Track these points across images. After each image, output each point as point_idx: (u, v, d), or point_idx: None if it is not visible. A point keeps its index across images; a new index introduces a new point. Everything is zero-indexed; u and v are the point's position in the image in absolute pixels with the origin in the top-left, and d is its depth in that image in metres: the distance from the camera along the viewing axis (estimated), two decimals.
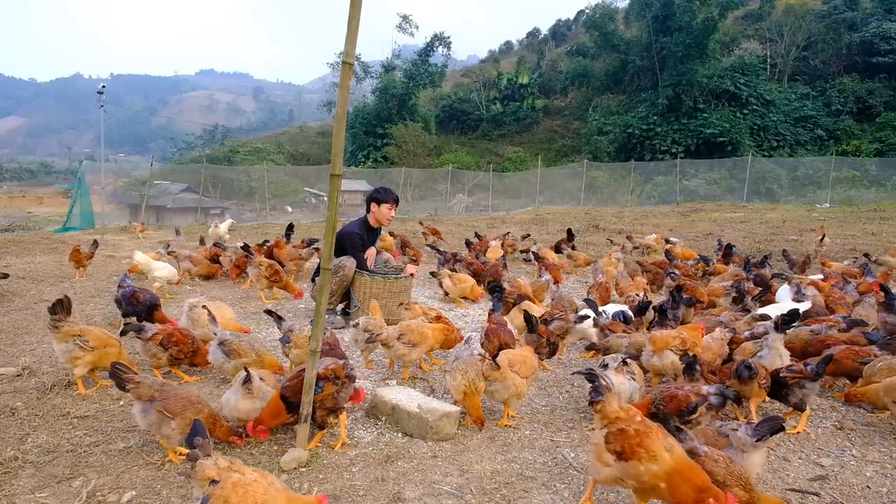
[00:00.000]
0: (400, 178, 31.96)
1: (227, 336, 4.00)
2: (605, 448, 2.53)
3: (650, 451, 2.43)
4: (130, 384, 3.05)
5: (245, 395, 3.21)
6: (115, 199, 29.96)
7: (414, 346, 4.31)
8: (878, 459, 3.28)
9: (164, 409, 2.99)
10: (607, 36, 45.68)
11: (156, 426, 3.01)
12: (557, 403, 4.05)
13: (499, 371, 3.49)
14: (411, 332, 4.33)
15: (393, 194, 6.31)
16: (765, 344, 3.97)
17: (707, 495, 2.31)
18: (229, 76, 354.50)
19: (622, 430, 2.52)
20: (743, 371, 3.52)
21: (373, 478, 2.95)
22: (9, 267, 8.60)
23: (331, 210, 2.96)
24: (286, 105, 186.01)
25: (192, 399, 3.08)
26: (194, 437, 2.37)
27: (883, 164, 31.40)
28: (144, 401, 3.02)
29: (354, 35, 2.73)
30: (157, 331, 4.14)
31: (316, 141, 57.83)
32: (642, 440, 2.46)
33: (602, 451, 2.55)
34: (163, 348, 4.09)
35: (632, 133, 41.30)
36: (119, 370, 3.07)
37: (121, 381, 3.06)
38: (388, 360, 4.57)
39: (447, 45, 49.71)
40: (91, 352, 3.85)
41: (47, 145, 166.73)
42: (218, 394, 3.83)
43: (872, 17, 44.09)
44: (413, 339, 4.30)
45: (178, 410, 2.99)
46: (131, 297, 4.99)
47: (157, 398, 3.02)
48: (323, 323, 3.04)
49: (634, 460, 2.43)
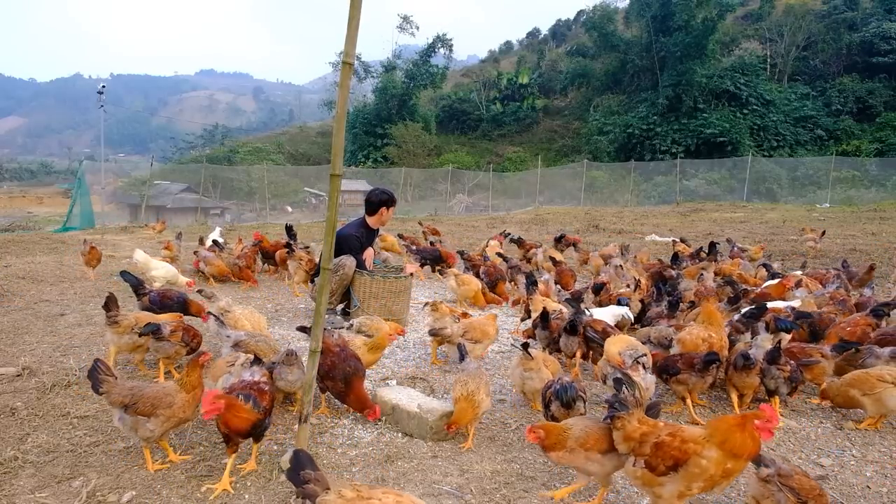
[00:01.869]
0: (400, 178, 31.97)
1: (243, 336, 4.00)
2: (652, 474, 2.31)
3: (698, 441, 2.25)
4: (103, 387, 2.94)
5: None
6: (115, 199, 29.96)
7: (477, 342, 4.48)
8: (878, 459, 3.28)
9: (137, 413, 2.88)
10: (607, 36, 45.71)
11: (133, 430, 2.92)
12: None
13: (532, 361, 3.68)
14: (474, 329, 4.55)
15: (395, 197, 6.38)
16: (755, 343, 4.12)
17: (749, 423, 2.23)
18: (229, 76, 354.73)
19: (659, 445, 2.31)
20: (740, 361, 3.72)
21: (373, 478, 2.95)
22: (9, 267, 8.61)
23: (331, 210, 2.96)
24: (286, 105, 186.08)
25: (159, 395, 2.94)
26: (301, 471, 2.06)
27: (883, 164, 31.41)
28: (118, 408, 2.93)
29: (354, 35, 2.73)
30: (173, 327, 4.17)
31: (316, 141, 57.84)
32: (683, 437, 2.28)
33: (652, 479, 2.32)
34: (184, 343, 4.17)
35: (632, 133, 41.31)
36: (99, 369, 2.98)
37: (96, 381, 2.95)
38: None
39: (449, 46, 49.76)
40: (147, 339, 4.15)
41: (47, 145, 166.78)
42: None
43: (872, 17, 44.12)
44: (476, 336, 4.49)
45: (149, 411, 2.89)
46: (162, 299, 5.00)
47: (129, 404, 2.90)
48: (323, 323, 3.04)
49: (692, 459, 2.24)
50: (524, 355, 3.68)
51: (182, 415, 2.96)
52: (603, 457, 2.62)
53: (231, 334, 4.00)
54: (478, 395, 3.28)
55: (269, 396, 3.04)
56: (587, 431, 2.68)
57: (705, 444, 2.26)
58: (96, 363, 3.01)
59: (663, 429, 2.37)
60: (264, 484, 2.87)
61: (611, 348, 3.78)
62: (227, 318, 4.45)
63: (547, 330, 4.55)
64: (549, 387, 3.28)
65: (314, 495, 1.97)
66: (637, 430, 2.37)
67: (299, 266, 7.13)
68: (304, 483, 2.01)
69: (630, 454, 2.42)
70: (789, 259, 10.32)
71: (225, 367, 3.54)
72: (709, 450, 2.25)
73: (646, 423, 2.42)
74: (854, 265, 7.72)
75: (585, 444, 2.64)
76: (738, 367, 3.74)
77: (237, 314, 4.56)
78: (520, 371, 3.74)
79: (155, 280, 6.78)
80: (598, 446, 2.63)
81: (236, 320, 4.48)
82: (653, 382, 3.66)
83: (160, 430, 2.92)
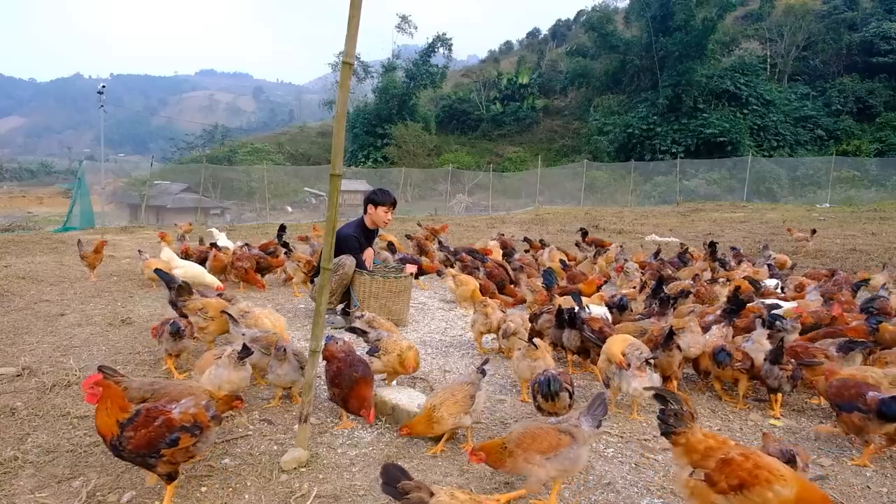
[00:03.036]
0: (400, 178, 31.96)
1: (258, 334, 4.03)
2: (711, 489, 2.19)
3: (774, 472, 2.13)
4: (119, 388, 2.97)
5: (238, 368, 3.48)
6: (115, 198, 29.92)
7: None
8: (878, 459, 3.28)
9: None
10: (606, 37, 45.66)
11: None
12: None
13: (538, 351, 3.86)
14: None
15: (391, 197, 6.21)
16: (751, 338, 4.23)
17: None
18: (229, 76, 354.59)
19: (727, 461, 2.19)
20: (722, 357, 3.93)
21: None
22: (9, 267, 8.61)
23: (331, 210, 2.96)
24: (286, 105, 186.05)
25: (183, 393, 2.98)
26: (395, 484, 2.03)
27: (883, 164, 31.41)
28: (137, 403, 2.95)
29: (354, 35, 2.73)
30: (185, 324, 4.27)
31: (316, 141, 57.82)
32: (757, 461, 2.16)
33: (707, 493, 2.20)
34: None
35: (632, 133, 41.28)
36: (106, 373, 2.97)
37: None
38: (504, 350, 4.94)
39: (449, 46, 49.72)
40: (213, 321, 4.49)
41: (47, 145, 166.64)
42: None
43: (872, 17, 44.10)
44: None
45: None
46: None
47: (149, 400, 2.96)
48: (323, 323, 3.04)
49: (759, 486, 2.12)
50: (529, 346, 3.87)
51: None
52: (542, 457, 2.57)
53: (245, 332, 4.05)
54: (437, 412, 3.13)
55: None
56: (524, 432, 2.65)
57: (782, 481, 2.15)
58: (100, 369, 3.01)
59: (734, 447, 2.28)
60: (264, 484, 2.87)
61: (612, 348, 3.77)
62: (248, 318, 4.54)
63: (561, 329, 4.58)
64: (536, 380, 3.35)
65: (422, 502, 1.95)
66: (702, 443, 2.26)
67: (298, 268, 7.18)
68: (406, 494, 1.99)
69: (688, 465, 2.32)
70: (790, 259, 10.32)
71: (212, 359, 3.59)
72: (783, 487, 2.13)
73: (712, 438, 2.31)
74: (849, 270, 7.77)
75: (521, 444, 2.60)
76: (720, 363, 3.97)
77: (257, 314, 4.63)
78: (527, 362, 3.87)
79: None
80: (537, 446, 2.58)
81: (257, 319, 4.56)
82: (659, 382, 3.72)
83: None
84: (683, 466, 2.32)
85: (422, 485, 2.02)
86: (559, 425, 2.69)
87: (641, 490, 2.93)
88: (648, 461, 3.22)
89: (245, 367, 3.54)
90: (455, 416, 3.14)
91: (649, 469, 3.14)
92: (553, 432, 2.64)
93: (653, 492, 2.91)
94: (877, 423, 3.11)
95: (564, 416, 2.91)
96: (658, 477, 3.05)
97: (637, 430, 3.60)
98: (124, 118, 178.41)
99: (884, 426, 3.10)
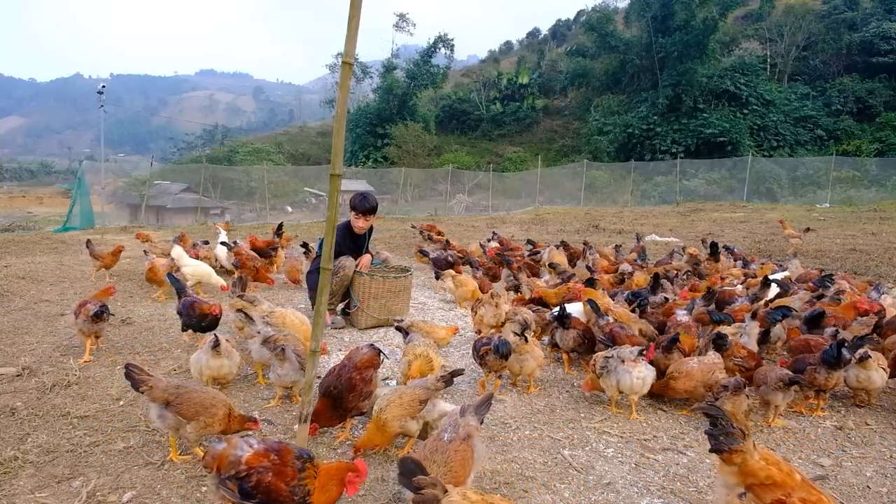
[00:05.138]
0: (400, 178, 31.94)
1: (271, 332, 4.04)
2: None
3: None
4: (144, 386, 3.00)
5: (214, 356, 3.77)
6: (115, 198, 29.90)
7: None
8: (878, 459, 3.28)
9: (179, 414, 2.95)
10: (606, 37, 45.64)
11: (173, 428, 3.00)
12: (557, 403, 4.05)
13: (528, 345, 4.07)
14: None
15: (365, 204, 5.88)
16: (743, 331, 4.45)
17: None
18: (229, 76, 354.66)
19: (783, 502, 1.98)
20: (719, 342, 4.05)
21: (373, 478, 2.94)
22: (9, 267, 8.60)
23: (331, 210, 2.96)
24: (286, 105, 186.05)
25: (205, 403, 2.99)
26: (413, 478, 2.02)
27: (883, 164, 31.39)
28: (160, 404, 2.99)
29: (354, 35, 2.73)
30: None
31: (316, 141, 57.80)
32: None
33: None
34: None
35: (632, 133, 41.27)
36: (133, 371, 3.03)
37: (135, 381, 3.01)
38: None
39: (450, 46, 49.65)
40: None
41: (47, 145, 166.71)
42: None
43: (872, 17, 44.07)
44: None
45: (192, 415, 2.95)
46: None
47: (172, 402, 2.97)
48: (323, 323, 3.04)
49: None
50: (520, 341, 4.05)
51: (219, 427, 2.98)
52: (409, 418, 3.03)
53: (261, 329, 4.07)
54: (384, 414, 3.03)
55: None
56: (391, 397, 3.06)
57: None
58: (128, 367, 3.05)
59: (799, 487, 2.01)
60: None
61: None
62: (274, 317, 4.61)
63: (567, 329, 4.61)
64: (485, 343, 4.01)
65: (435, 500, 1.95)
66: (763, 470, 2.04)
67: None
68: (421, 489, 1.99)
69: (738, 486, 2.14)
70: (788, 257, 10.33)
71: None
72: None
73: (775, 465, 2.06)
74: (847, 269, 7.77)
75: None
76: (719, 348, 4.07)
77: (279, 313, 4.72)
78: (515, 356, 4.07)
79: (186, 279, 6.75)
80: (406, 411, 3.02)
81: (283, 317, 4.67)
82: (653, 373, 3.78)
83: (196, 436, 2.99)
84: (732, 486, 2.12)
85: (437, 481, 2.02)
86: (440, 434, 2.61)
87: (641, 490, 2.93)
88: (648, 461, 3.22)
89: (226, 357, 3.82)
90: (400, 419, 3.03)
91: (649, 469, 3.14)
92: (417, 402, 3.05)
93: (653, 492, 2.91)
94: None
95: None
96: (658, 477, 3.05)
97: (637, 430, 3.60)
98: (124, 118, 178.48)
99: None
